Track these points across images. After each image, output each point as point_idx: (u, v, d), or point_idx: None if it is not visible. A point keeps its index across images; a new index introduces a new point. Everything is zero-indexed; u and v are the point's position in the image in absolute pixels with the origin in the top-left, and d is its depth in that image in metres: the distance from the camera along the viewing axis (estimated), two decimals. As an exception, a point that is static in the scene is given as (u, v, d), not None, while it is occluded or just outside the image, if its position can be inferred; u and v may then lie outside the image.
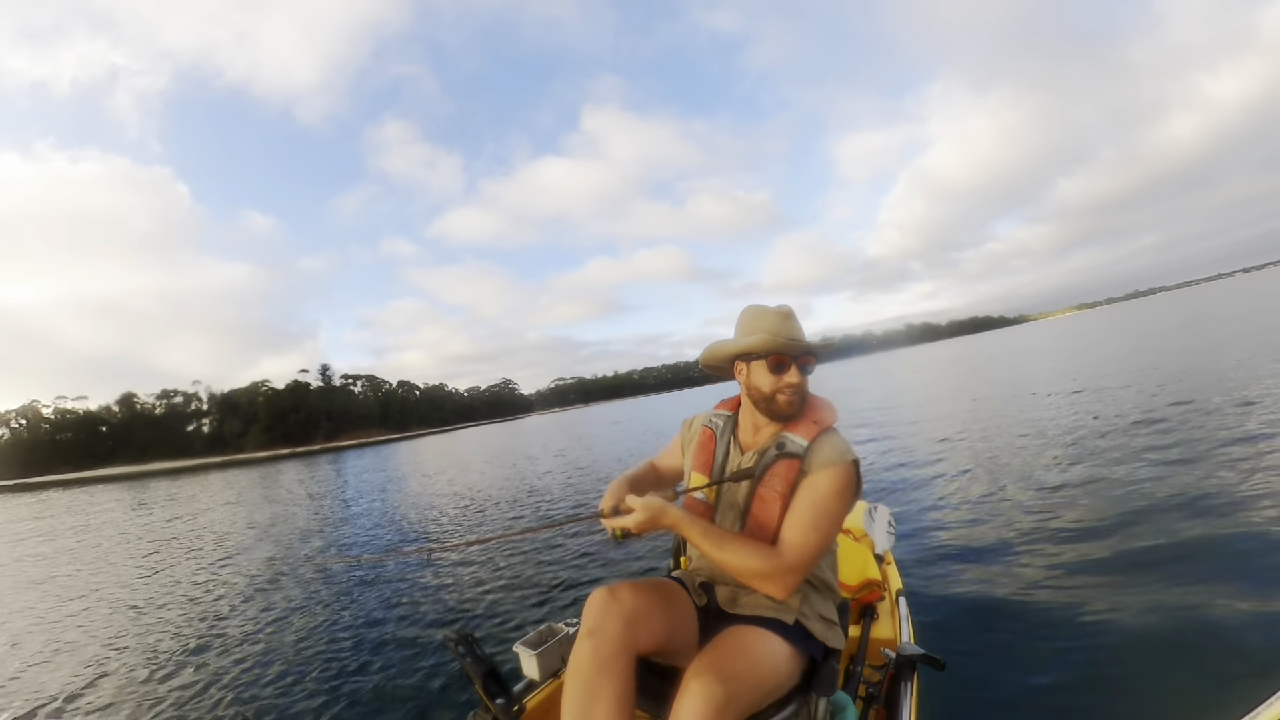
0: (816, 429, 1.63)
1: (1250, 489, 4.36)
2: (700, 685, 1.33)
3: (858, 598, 2.54)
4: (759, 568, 1.46)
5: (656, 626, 1.52)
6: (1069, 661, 2.79)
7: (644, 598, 1.53)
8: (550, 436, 30.06)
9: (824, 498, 1.53)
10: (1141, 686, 2.54)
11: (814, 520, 1.52)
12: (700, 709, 1.30)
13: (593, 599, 1.53)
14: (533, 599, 4.73)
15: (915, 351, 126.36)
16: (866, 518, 3.18)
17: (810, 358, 1.67)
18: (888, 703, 1.95)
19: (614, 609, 1.47)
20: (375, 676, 3.77)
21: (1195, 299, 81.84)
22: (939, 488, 6.25)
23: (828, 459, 1.57)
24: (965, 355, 45.25)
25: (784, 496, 1.58)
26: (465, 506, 10.29)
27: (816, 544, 1.51)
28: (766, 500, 1.60)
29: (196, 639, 4.89)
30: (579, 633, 1.49)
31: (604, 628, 1.44)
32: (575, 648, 1.47)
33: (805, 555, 1.50)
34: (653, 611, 1.52)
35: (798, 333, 1.67)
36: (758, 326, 1.66)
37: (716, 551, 1.48)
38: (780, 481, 1.59)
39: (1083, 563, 3.76)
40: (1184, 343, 17.66)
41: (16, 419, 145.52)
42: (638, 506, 1.48)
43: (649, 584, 1.63)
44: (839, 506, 1.55)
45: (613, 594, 1.51)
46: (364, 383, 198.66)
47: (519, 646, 2.12)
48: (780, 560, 1.48)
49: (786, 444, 1.63)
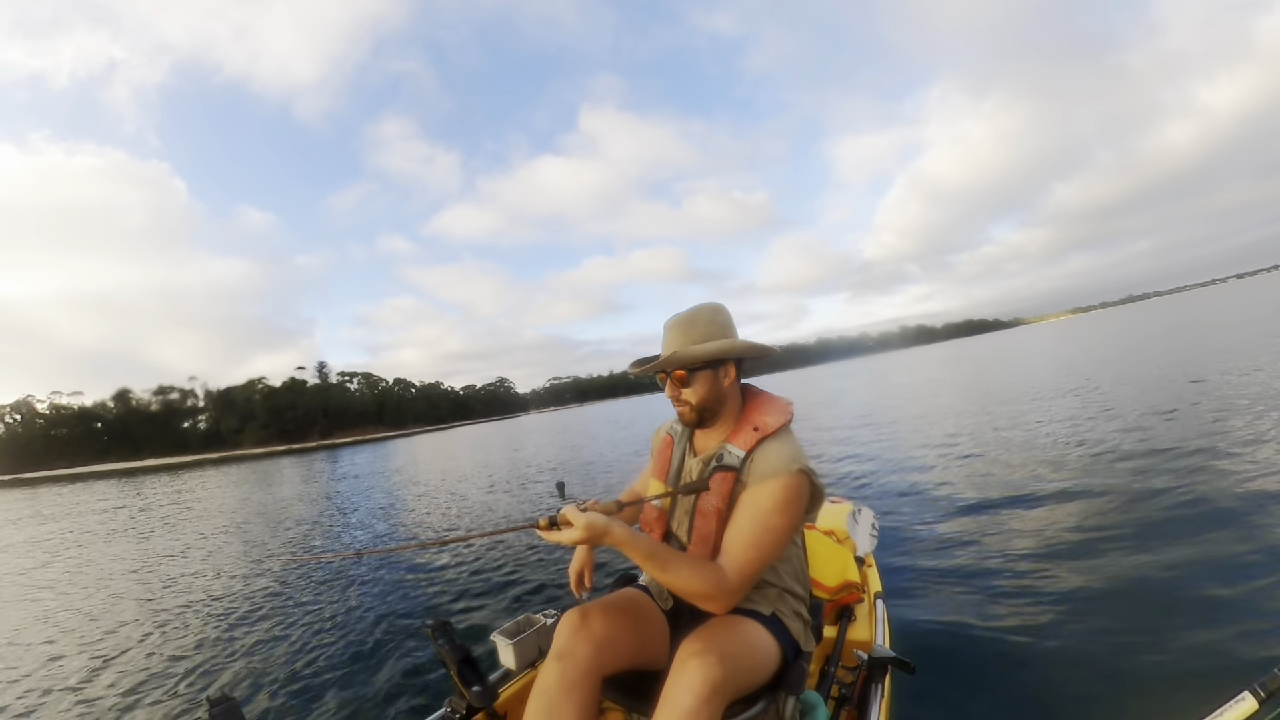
0: (757, 436, 1.56)
1: (1235, 495, 4.42)
2: (699, 663, 1.34)
3: (836, 599, 2.54)
4: (701, 589, 1.41)
5: (625, 649, 1.53)
6: (1042, 673, 2.81)
7: (614, 621, 1.53)
8: (546, 438, 29.84)
9: (765, 512, 1.47)
10: (1103, 700, 2.56)
11: (754, 537, 1.46)
12: (698, 688, 1.31)
13: (564, 621, 1.53)
14: (512, 589, 4.81)
15: (910, 354, 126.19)
16: (850, 520, 3.20)
17: (680, 372, 1.58)
18: (859, 704, 1.95)
19: (584, 635, 1.48)
20: (351, 663, 3.84)
21: (1190, 304, 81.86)
22: (925, 491, 6.28)
23: (769, 470, 1.50)
24: (959, 358, 45.14)
25: (720, 511, 1.54)
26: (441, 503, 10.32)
27: (757, 561, 1.46)
28: (705, 514, 1.57)
29: (173, 624, 4.99)
30: (549, 652, 1.50)
31: (574, 652, 1.45)
32: (544, 667, 1.48)
33: (745, 574, 1.45)
34: (622, 634, 1.53)
35: (671, 345, 1.61)
36: (665, 340, 1.65)
37: (659, 572, 1.41)
38: (716, 495, 1.55)
39: (1058, 577, 3.77)
40: (1174, 349, 17.69)
41: (11, 414, 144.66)
42: (577, 523, 1.34)
43: (620, 603, 1.63)
44: (783, 520, 1.47)
45: (584, 618, 1.51)
46: (360, 380, 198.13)
47: (496, 636, 2.14)
48: (721, 581, 1.42)
49: (724, 455, 1.59)
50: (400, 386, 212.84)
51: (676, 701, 1.32)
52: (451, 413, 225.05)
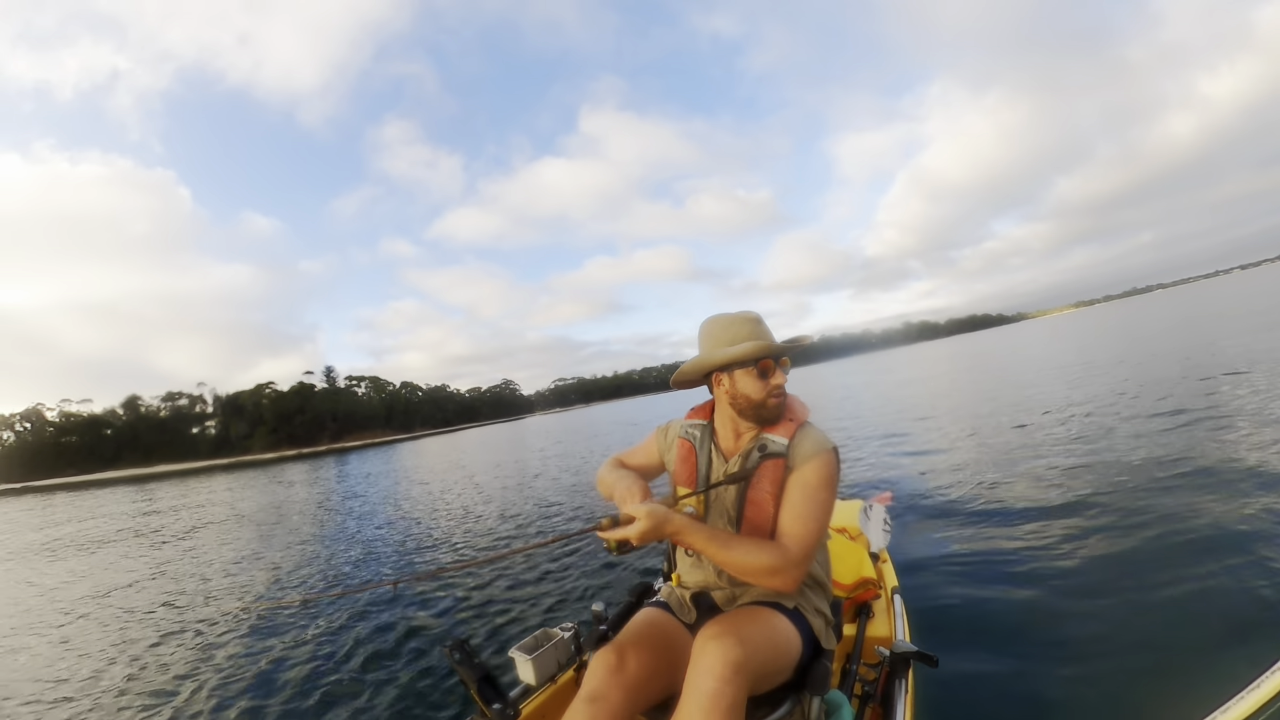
0: (794, 425, 1.65)
1: (1244, 488, 4.39)
2: (717, 645, 1.35)
3: (853, 596, 2.53)
4: (768, 563, 1.46)
5: (658, 685, 1.52)
6: (1062, 656, 2.82)
7: (648, 660, 1.52)
8: (555, 439, 29.83)
9: (814, 488, 1.56)
10: (1134, 680, 2.56)
11: (810, 511, 1.54)
12: (718, 668, 1.31)
13: (598, 660, 1.50)
14: (529, 604, 4.73)
15: (913, 350, 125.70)
16: (862, 516, 3.19)
17: (788, 359, 1.69)
18: (883, 701, 1.94)
19: (619, 678, 1.46)
20: (370, 683, 3.77)
21: (1193, 296, 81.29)
22: (935, 485, 6.27)
23: (811, 451, 1.59)
24: (963, 353, 45.00)
25: (775, 496, 1.59)
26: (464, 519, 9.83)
27: (815, 533, 1.53)
28: (758, 503, 1.61)
29: (192, 645, 4.93)
30: (580, 692, 1.47)
31: (607, 696, 1.43)
32: (573, 708, 1.45)
33: (807, 545, 1.51)
34: (656, 671, 1.52)
35: (769, 336, 1.69)
36: (737, 336, 1.66)
37: (724, 553, 1.46)
38: (769, 482, 1.60)
39: (1077, 560, 3.79)
40: (1179, 340, 17.54)
41: (21, 422, 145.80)
42: (640, 515, 1.41)
43: (649, 634, 1.63)
44: (828, 495, 1.58)
45: (621, 660, 1.49)
46: (368, 384, 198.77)
47: (515, 652, 2.09)
48: (787, 553, 1.48)
49: (768, 445, 1.64)
50: (407, 390, 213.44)
51: (698, 685, 1.32)
52: (458, 415, 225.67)
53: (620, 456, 1.96)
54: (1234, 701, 1.26)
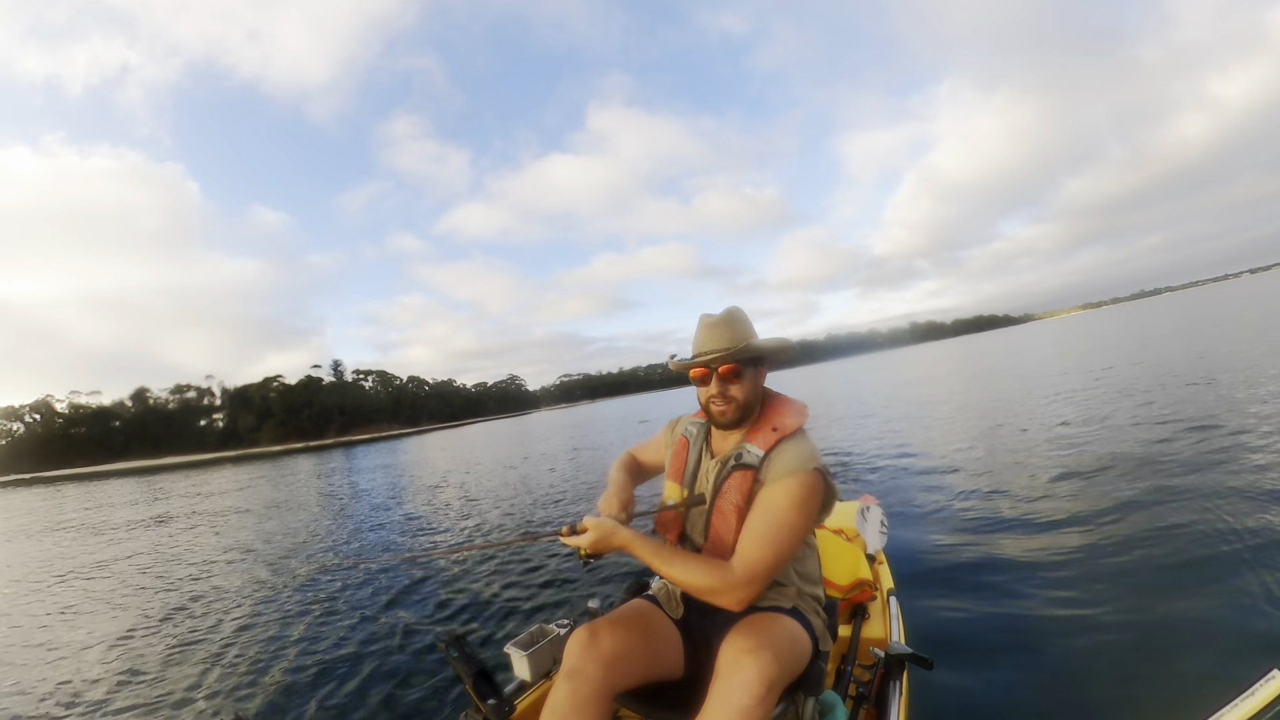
0: (776, 436, 1.57)
1: (1244, 498, 4.37)
2: (754, 660, 1.32)
3: (849, 598, 2.54)
4: (707, 585, 1.42)
5: (637, 665, 1.51)
6: (1058, 662, 2.83)
7: (624, 637, 1.52)
8: (563, 437, 29.84)
9: (780, 509, 1.48)
10: (1128, 686, 2.57)
11: (768, 534, 1.46)
12: (755, 686, 1.29)
13: (574, 638, 1.51)
14: (524, 600, 4.74)
15: (919, 350, 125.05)
16: (859, 518, 3.19)
17: (732, 365, 1.57)
18: (877, 702, 1.94)
19: (593, 653, 1.46)
20: (365, 677, 3.78)
21: (1202, 299, 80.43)
22: (933, 487, 6.26)
23: (786, 469, 1.51)
24: (969, 354, 44.73)
25: (740, 509, 1.54)
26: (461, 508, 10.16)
27: (771, 557, 1.45)
28: (724, 513, 1.57)
29: (188, 637, 4.95)
30: (559, 671, 1.49)
31: (584, 670, 1.44)
32: (554, 687, 1.46)
33: (758, 570, 1.44)
34: (633, 650, 1.51)
35: (719, 342, 1.58)
36: (697, 340, 1.64)
37: (666, 568, 1.45)
38: (736, 494, 1.56)
39: (1073, 565, 3.79)
40: (1186, 345, 17.37)
41: (30, 414, 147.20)
42: (590, 527, 1.46)
43: (629, 617, 1.62)
44: (798, 518, 1.48)
45: (594, 635, 1.49)
46: (375, 378, 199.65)
47: (510, 648, 2.11)
48: (730, 576, 1.43)
49: (744, 455, 1.59)
50: (414, 384, 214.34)
51: (731, 701, 1.30)
52: (464, 410, 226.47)
53: (634, 450, 1.99)
54: (1227, 709, 1.29)
